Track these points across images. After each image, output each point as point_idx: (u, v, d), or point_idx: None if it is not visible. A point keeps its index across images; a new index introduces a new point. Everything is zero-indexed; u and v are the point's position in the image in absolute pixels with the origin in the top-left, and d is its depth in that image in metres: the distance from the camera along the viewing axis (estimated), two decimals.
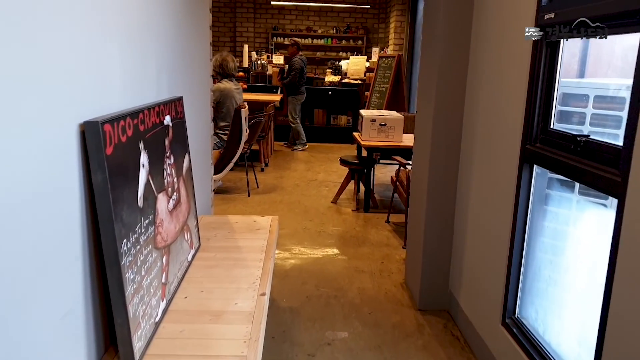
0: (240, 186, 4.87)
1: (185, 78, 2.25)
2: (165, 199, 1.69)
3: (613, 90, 1.62)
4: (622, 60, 1.58)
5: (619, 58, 1.61)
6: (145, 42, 1.68)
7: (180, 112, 1.98)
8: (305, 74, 6.93)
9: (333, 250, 3.34)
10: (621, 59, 1.59)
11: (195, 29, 2.46)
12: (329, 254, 3.28)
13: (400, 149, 4.18)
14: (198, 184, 2.59)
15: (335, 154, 6.88)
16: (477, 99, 2.29)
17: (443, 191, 2.56)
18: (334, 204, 4.43)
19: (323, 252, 3.30)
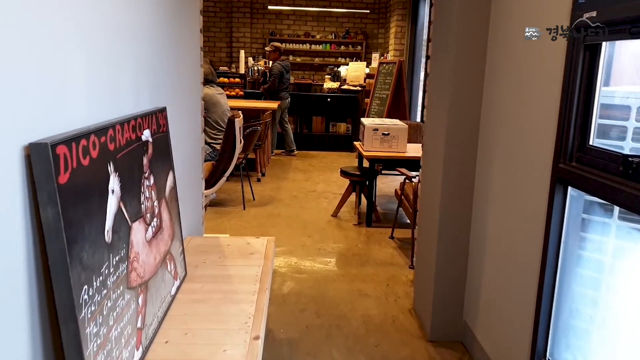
0: (235, 198, 4.62)
1: (171, 86, 2.02)
2: (143, 228, 1.45)
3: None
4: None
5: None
6: (121, 45, 1.45)
7: (163, 125, 1.74)
8: (287, 79, 6.73)
9: (334, 271, 3.10)
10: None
11: (184, 31, 2.23)
12: (330, 275, 3.04)
13: (405, 159, 3.95)
14: (187, 202, 2.36)
15: (335, 163, 6.65)
16: (497, 108, 2.06)
17: (457, 210, 2.33)
18: (334, 218, 4.19)
19: (323, 273, 3.06)
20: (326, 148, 7.74)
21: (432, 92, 2.56)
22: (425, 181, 2.67)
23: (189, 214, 2.43)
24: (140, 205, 1.44)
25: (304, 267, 3.12)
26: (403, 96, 6.70)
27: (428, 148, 2.61)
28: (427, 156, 2.63)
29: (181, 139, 2.20)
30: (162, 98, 1.85)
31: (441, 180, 2.32)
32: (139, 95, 1.62)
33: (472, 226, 2.33)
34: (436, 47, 2.51)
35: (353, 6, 9.32)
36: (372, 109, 7.01)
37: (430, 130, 2.58)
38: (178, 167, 2.12)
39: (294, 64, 9.63)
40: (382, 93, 6.88)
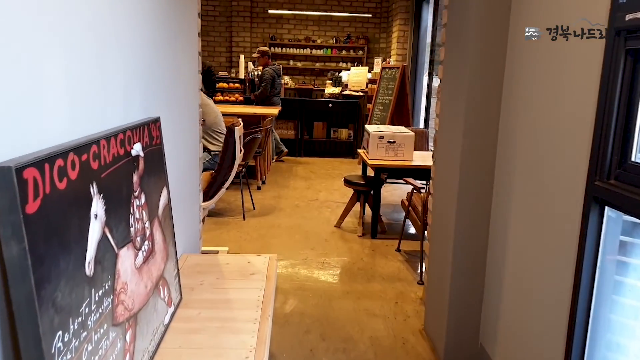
0: (235, 208, 4.47)
1: (166, 94, 1.87)
2: (132, 254, 1.30)
3: None
4: None
5: None
6: (109, 50, 1.30)
7: (156, 137, 1.59)
8: (279, 84, 6.60)
9: (339, 287, 2.94)
10: None
11: (180, 35, 2.08)
12: (334, 292, 2.88)
13: (411, 169, 3.80)
14: (183, 216, 2.21)
15: (337, 170, 6.51)
16: (518, 117, 1.91)
17: (474, 226, 2.18)
18: (337, 229, 4.04)
19: (328, 290, 2.90)
20: (327, 154, 7.60)
21: (445, 99, 2.41)
22: (437, 193, 2.52)
23: (186, 229, 2.28)
24: (129, 229, 1.28)
25: (307, 283, 2.96)
26: (406, 102, 6.56)
27: (440, 158, 2.46)
28: (439, 167, 2.48)
29: (177, 150, 2.05)
30: (155, 107, 1.70)
31: (457, 194, 2.16)
32: (130, 105, 1.47)
33: (491, 243, 2.17)
34: (449, 52, 2.36)
35: (354, 10, 9.20)
36: (375, 114, 6.87)
37: (443, 139, 2.42)
38: (174, 180, 1.97)
39: (294, 68, 9.50)
40: (384, 99, 6.74)
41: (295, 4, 9.20)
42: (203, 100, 4.10)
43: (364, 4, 9.20)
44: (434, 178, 2.56)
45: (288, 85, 8.15)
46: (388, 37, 8.94)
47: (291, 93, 8.03)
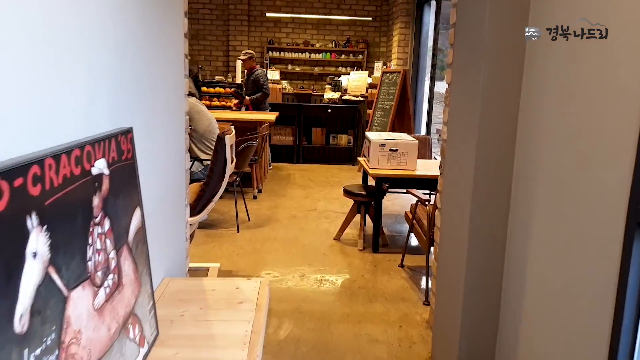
0: (229, 219, 4.25)
1: (144, 101, 1.65)
2: (89, 293, 1.08)
3: None
4: None
5: None
6: (69, 49, 1.09)
7: (126, 150, 1.38)
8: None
9: (338, 309, 2.72)
10: None
11: (163, 36, 1.88)
12: (333, 314, 2.66)
13: (415, 178, 3.59)
14: (166, 235, 2.00)
15: (336, 178, 6.30)
16: (540, 126, 1.70)
17: (489, 246, 1.96)
18: (337, 242, 3.82)
19: (326, 312, 2.68)
20: (327, 161, 7.39)
21: (454, 106, 2.21)
22: (445, 209, 2.30)
23: (169, 249, 2.06)
24: (85, 264, 1.07)
25: (303, 305, 2.75)
26: (408, 107, 6.36)
27: (450, 171, 2.25)
28: (448, 180, 2.27)
29: (159, 162, 1.84)
30: (128, 116, 1.48)
31: (469, 211, 1.95)
32: (94, 114, 1.26)
33: (508, 265, 1.96)
34: (459, 54, 2.16)
35: (354, 14, 9.02)
36: (375, 120, 6.67)
37: (452, 150, 2.22)
38: (154, 196, 1.76)
39: (292, 73, 9.31)
40: (385, 104, 6.54)
41: (293, 7, 9.02)
42: (196, 107, 3.90)
43: (363, 7, 9.02)
44: (442, 192, 2.35)
45: (286, 90, 7.95)
46: (388, 40, 8.76)
47: (289, 98, 7.84)
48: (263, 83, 6.11)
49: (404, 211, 4.81)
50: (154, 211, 1.81)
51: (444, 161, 2.34)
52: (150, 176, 1.75)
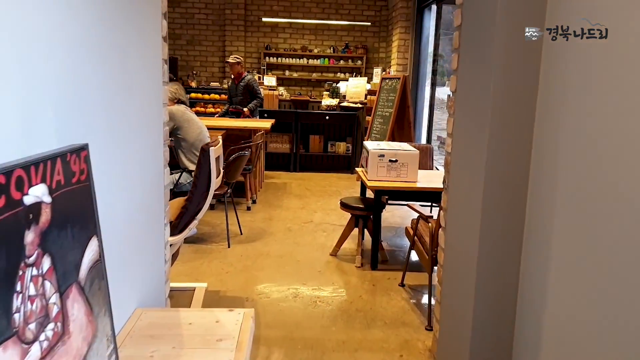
0: (220, 232, 4.04)
1: (108, 111, 1.45)
2: (16, 354, 0.87)
3: None
4: None
5: None
6: None
7: (79, 171, 1.17)
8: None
9: (334, 335, 2.50)
10: None
11: (136, 37, 1.68)
12: (329, 341, 2.44)
13: (416, 191, 3.39)
14: (140, 260, 1.79)
15: (334, 187, 6.09)
16: (562, 140, 1.50)
17: (501, 271, 1.76)
18: (333, 257, 3.60)
19: (321, 339, 2.46)
20: (324, 169, 7.19)
21: (460, 115, 2.00)
22: (451, 228, 2.10)
23: (144, 275, 1.86)
24: (9, 318, 0.86)
25: (296, 331, 2.53)
26: (408, 114, 6.16)
27: (456, 187, 2.04)
28: (454, 197, 2.06)
29: (130, 179, 1.63)
30: (83, 131, 1.28)
31: (479, 232, 1.74)
32: (33, 130, 1.05)
33: (522, 291, 1.74)
34: (465, 58, 1.96)
35: (353, 19, 8.85)
36: (374, 127, 6.47)
37: (458, 164, 2.01)
38: (123, 217, 1.56)
39: (290, 79, 9.13)
40: (384, 111, 6.34)
41: (291, 12, 8.85)
42: (185, 115, 3.70)
43: (362, 12, 8.85)
44: (447, 209, 2.14)
45: (283, 97, 7.77)
46: (388, 46, 8.58)
47: (286, 105, 7.65)
48: (257, 89, 5.91)
49: (404, 223, 4.60)
50: (124, 235, 1.61)
51: (449, 176, 2.14)
52: (119, 196, 1.55)
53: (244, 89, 5.90)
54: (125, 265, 1.66)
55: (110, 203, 1.48)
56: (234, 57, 5.91)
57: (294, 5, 8.84)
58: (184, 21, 8.88)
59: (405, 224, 4.61)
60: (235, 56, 5.95)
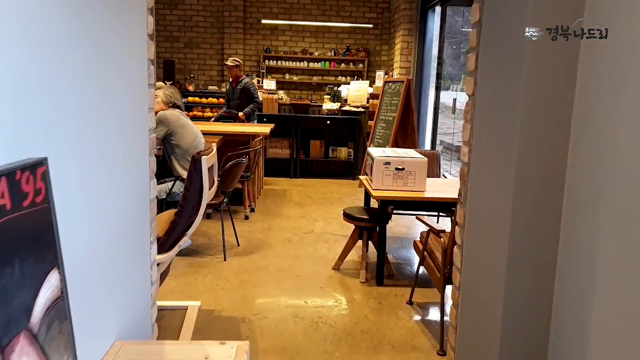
0: (216, 243, 3.83)
1: (76, 119, 1.24)
2: None
3: None
4: None
5: None
6: None
7: (34, 192, 0.96)
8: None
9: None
10: None
11: (114, 35, 1.47)
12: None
13: (424, 201, 3.18)
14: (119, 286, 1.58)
15: (335, 194, 5.88)
16: (608, 147, 1.29)
17: (533, 301, 1.54)
18: (336, 272, 3.39)
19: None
20: (325, 175, 6.98)
21: (480, 121, 1.80)
22: (470, 246, 1.89)
23: (124, 301, 1.64)
24: None
25: (297, 356, 2.31)
26: (412, 119, 5.96)
27: (475, 200, 1.84)
28: (473, 211, 1.85)
29: (105, 195, 1.42)
30: (42, 142, 1.07)
31: (507, 252, 1.53)
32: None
33: (557, 324, 1.53)
34: (486, 58, 1.75)
35: (354, 21, 8.66)
36: (377, 132, 6.27)
37: (479, 177, 1.80)
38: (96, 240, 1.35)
39: (290, 82, 8.94)
40: (387, 115, 6.14)
41: (291, 14, 8.66)
42: (179, 120, 3.50)
43: (364, 15, 8.67)
44: (464, 225, 1.93)
45: (283, 101, 7.56)
46: (390, 49, 8.39)
47: (286, 109, 7.45)
48: (254, 93, 5.70)
49: (409, 234, 4.39)
50: (101, 258, 1.40)
51: (466, 189, 1.93)
52: (93, 214, 1.34)
53: (241, 93, 5.70)
54: (103, 292, 1.45)
55: (82, 224, 1.27)
56: (232, 60, 5.71)
57: (294, 8, 8.66)
58: (181, 23, 8.69)
59: (411, 234, 4.40)
60: (233, 59, 5.74)
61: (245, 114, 5.63)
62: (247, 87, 5.66)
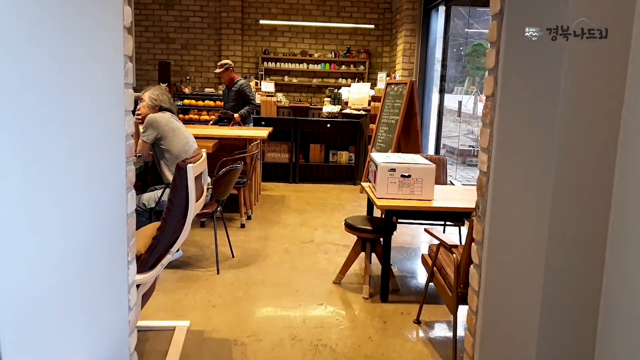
0: (210, 255, 3.60)
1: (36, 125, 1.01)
2: None
3: None
4: None
5: None
6: None
7: None
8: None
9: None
10: None
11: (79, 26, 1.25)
12: None
13: (432, 211, 2.96)
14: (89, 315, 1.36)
15: (336, 200, 5.66)
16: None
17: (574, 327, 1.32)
18: (337, 286, 3.16)
19: None
20: (325, 180, 6.76)
21: (505, 125, 1.58)
22: (491, 265, 1.66)
23: (96, 329, 1.42)
24: None
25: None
26: (415, 122, 5.74)
27: (498, 212, 1.61)
28: (495, 225, 1.63)
29: (70, 211, 1.20)
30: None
31: (542, 273, 1.31)
32: None
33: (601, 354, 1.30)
34: (511, 53, 1.53)
35: (355, 22, 8.45)
36: (379, 136, 6.05)
37: (502, 184, 1.58)
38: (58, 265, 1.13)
39: (289, 85, 8.72)
40: (390, 118, 5.92)
41: (290, 15, 8.45)
42: (170, 124, 3.28)
43: (365, 15, 8.46)
44: (483, 243, 1.71)
45: (282, 103, 7.35)
46: (392, 50, 8.18)
47: (285, 112, 7.23)
48: (249, 95, 5.47)
49: (414, 243, 4.16)
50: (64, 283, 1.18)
51: (485, 201, 1.70)
52: (54, 233, 1.12)
53: (236, 95, 5.47)
54: (70, 320, 1.23)
55: (39, 245, 1.05)
56: (220, 64, 5.46)
57: (293, 8, 8.45)
58: (178, 24, 8.48)
59: (416, 243, 4.17)
60: (222, 62, 5.48)
61: (240, 116, 5.40)
62: (242, 89, 5.44)
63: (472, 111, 10.05)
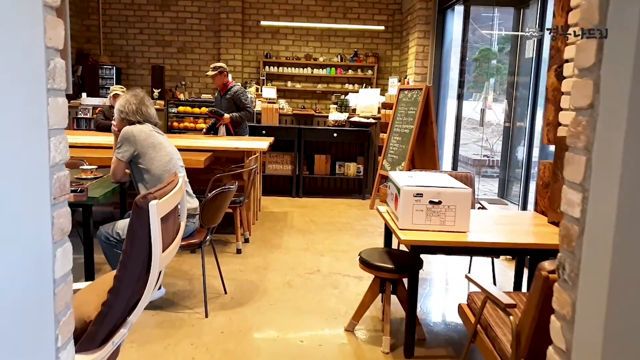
0: (198, 290, 3.05)
1: None
2: None
3: None
4: None
5: None
6: None
7: None
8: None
9: None
10: None
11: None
12: None
13: (469, 248, 2.41)
14: None
15: (343, 217, 5.11)
16: None
17: None
18: (350, 334, 2.61)
19: None
20: (332, 194, 6.22)
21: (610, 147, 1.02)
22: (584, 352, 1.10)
23: None
24: None
25: None
26: (431, 132, 5.20)
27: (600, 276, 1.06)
28: (591, 298, 1.07)
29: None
30: None
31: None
32: None
33: None
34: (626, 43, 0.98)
35: (363, 23, 7.93)
36: (391, 147, 5.51)
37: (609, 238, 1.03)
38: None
39: (292, 91, 8.21)
40: (403, 127, 5.38)
41: (293, 16, 7.95)
42: (150, 139, 2.74)
43: (373, 17, 7.94)
44: (572, 320, 1.16)
45: (284, 111, 6.82)
46: (402, 54, 7.65)
47: (288, 120, 6.69)
48: (245, 101, 4.91)
49: (438, 271, 3.59)
50: None
51: (576, 261, 1.15)
52: None
53: (230, 102, 4.92)
54: None
55: None
56: (213, 67, 4.91)
57: (296, 9, 7.94)
58: (174, 27, 7.99)
59: (441, 273, 3.61)
60: (216, 65, 4.93)
61: (231, 118, 4.83)
62: (236, 96, 4.88)
63: (480, 120, 9.50)
